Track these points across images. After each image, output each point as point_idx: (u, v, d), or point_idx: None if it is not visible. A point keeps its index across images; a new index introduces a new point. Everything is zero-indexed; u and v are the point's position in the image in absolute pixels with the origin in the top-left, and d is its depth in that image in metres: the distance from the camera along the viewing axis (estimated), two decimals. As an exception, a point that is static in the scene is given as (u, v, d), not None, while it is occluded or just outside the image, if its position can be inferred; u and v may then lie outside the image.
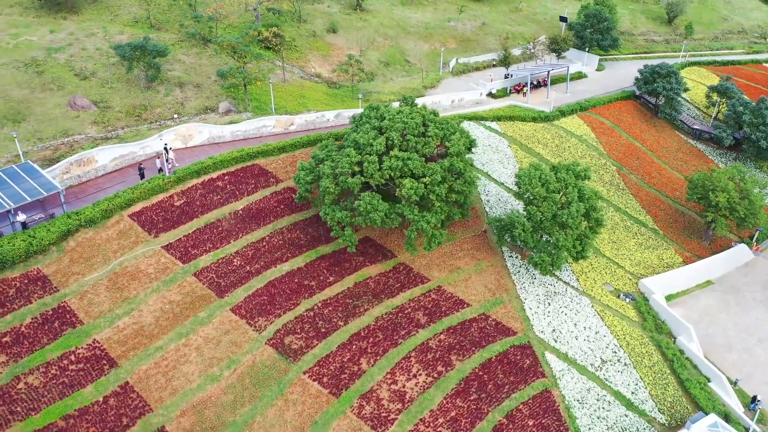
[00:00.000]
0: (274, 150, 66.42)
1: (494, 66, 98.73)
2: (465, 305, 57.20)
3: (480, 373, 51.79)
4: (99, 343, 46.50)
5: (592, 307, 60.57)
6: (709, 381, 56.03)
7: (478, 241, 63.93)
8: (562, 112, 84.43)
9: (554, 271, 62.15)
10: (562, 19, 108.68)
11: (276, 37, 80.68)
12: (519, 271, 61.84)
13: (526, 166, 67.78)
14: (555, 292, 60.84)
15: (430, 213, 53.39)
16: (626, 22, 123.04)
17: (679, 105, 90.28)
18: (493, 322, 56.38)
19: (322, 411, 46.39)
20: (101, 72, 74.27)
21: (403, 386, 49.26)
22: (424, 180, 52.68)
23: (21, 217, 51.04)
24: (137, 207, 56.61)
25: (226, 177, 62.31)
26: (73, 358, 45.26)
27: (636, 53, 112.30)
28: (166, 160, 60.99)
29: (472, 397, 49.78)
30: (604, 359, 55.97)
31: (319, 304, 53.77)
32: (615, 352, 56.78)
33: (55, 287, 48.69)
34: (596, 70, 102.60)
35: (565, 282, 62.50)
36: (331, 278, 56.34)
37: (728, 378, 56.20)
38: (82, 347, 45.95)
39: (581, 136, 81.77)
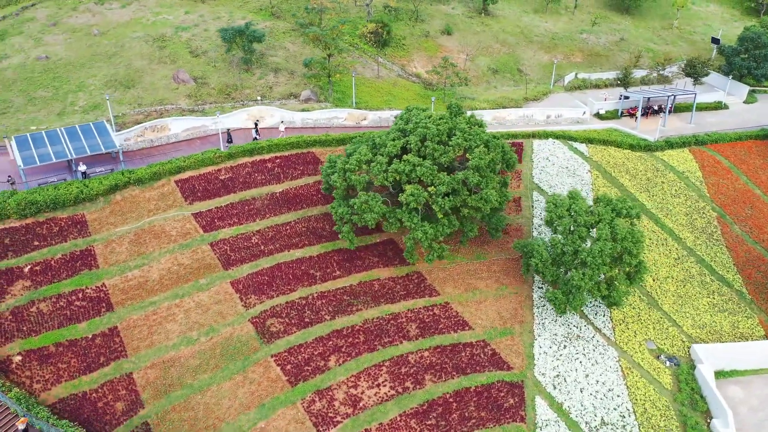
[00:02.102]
0: (333, 141, 67.94)
1: (617, 85, 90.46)
2: (466, 327, 54.06)
3: (450, 399, 48.78)
4: (106, 287, 52.01)
5: (618, 361, 53.66)
6: (734, 479, 47.00)
7: (509, 265, 59.77)
8: (670, 143, 74.83)
9: (585, 313, 56.25)
10: (714, 41, 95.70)
11: (372, 34, 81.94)
12: (544, 305, 56.72)
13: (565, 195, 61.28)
14: (578, 336, 54.89)
15: (431, 224, 51.18)
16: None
17: (829, 153, 75.21)
18: (490, 352, 52.59)
19: (273, 396, 47.25)
20: (211, 51, 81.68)
21: (362, 393, 48.23)
22: (430, 189, 50.62)
23: (82, 167, 58.64)
24: (185, 174, 61.75)
25: (278, 160, 65.27)
26: (81, 295, 51.19)
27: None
28: (257, 133, 67.53)
29: (429, 422, 47.16)
30: (606, 421, 49.42)
31: (315, 295, 54.45)
32: (623, 417, 49.84)
33: (89, 232, 55.32)
34: (744, 102, 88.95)
35: (596, 327, 56.08)
36: (338, 272, 56.63)
37: (760, 482, 46.67)
38: (90, 288, 51.76)
39: (683, 173, 71.90)
